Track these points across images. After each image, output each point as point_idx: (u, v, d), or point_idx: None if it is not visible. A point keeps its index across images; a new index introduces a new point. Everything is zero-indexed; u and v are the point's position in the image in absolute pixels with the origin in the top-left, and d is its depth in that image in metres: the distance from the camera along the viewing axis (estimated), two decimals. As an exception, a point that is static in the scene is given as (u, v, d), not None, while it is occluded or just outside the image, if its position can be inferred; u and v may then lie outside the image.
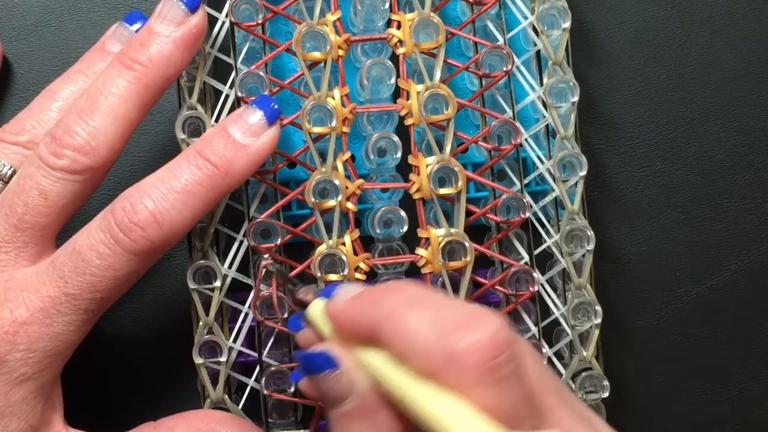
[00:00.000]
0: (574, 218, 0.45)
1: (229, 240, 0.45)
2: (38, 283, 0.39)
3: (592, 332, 0.45)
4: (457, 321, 0.32)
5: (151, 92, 0.41)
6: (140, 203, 0.39)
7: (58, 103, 0.43)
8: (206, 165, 0.40)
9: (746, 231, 0.50)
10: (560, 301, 0.46)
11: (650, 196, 0.50)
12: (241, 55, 0.45)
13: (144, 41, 0.41)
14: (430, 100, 0.44)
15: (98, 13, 0.49)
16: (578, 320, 0.45)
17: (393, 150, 0.45)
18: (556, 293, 0.46)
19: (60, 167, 0.40)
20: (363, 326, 0.34)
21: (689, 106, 0.50)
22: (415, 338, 0.32)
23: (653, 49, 0.50)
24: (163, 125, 0.48)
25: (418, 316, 0.32)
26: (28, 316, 0.39)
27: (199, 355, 0.44)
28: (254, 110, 0.42)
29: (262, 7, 0.44)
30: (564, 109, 0.45)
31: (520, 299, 0.45)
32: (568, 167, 0.46)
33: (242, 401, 0.45)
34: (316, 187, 0.44)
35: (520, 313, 0.46)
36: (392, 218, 0.45)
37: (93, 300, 0.39)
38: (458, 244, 0.44)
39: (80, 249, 0.39)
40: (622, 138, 0.50)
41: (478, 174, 0.45)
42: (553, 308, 0.46)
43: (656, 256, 0.49)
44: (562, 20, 0.45)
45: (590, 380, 0.45)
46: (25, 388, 0.39)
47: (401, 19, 0.44)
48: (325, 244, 0.43)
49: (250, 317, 0.45)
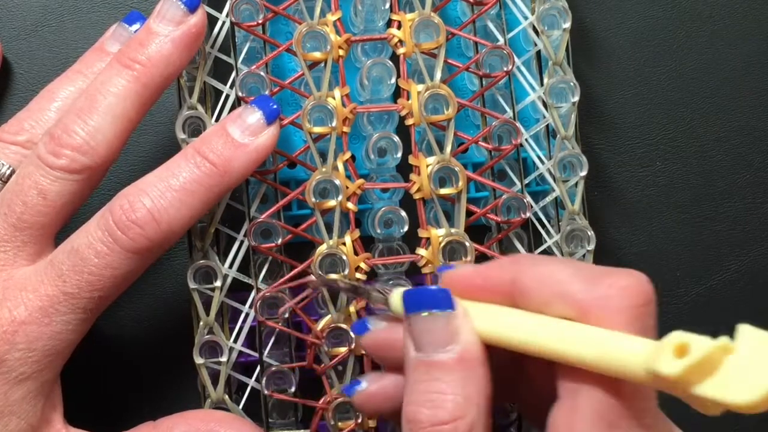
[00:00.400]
0: (574, 218, 0.45)
1: (230, 240, 0.45)
2: (37, 283, 0.39)
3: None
4: (600, 271, 0.33)
5: (150, 92, 0.41)
6: (138, 201, 0.39)
7: (56, 103, 0.43)
8: (204, 163, 0.40)
9: (746, 231, 0.50)
10: (560, 301, 0.46)
11: (650, 196, 0.50)
12: (241, 55, 0.45)
13: (143, 41, 0.41)
14: (431, 100, 0.44)
15: (98, 13, 0.49)
16: (578, 320, 0.45)
17: (393, 150, 0.45)
18: (557, 293, 0.46)
19: (59, 166, 0.40)
20: (496, 283, 0.34)
21: (689, 106, 0.50)
22: (562, 283, 0.33)
23: (653, 49, 0.50)
24: (163, 125, 0.48)
25: (559, 266, 0.34)
26: (27, 315, 0.39)
27: (199, 355, 0.44)
28: (253, 110, 0.42)
29: (262, 7, 0.44)
30: (564, 110, 0.45)
31: (520, 299, 0.45)
32: (569, 167, 0.46)
33: (242, 401, 0.45)
34: (316, 187, 0.44)
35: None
36: (392, 218, 0.45)
37: (92, 299, 0.39)
38: (459, 244, 0.44)
39: (78, 248, 0.39)
40: (622, 138, 0.50)
41: (478, 174, 0.45)
42: (553, 308, 0.46)
43: (656, 256, 0.49)
44: (562, 20, 0.45)
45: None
46: (25, 388, 0.39)
47: (401, 19, 0.44)
48: (325, 244, 0.43)
49: (250, 317, 0.45)
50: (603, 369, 0.31)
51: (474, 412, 0.33)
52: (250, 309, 0.45)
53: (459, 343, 0.34)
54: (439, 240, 0.44)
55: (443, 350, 0.34)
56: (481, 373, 0.34)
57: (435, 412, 0.33)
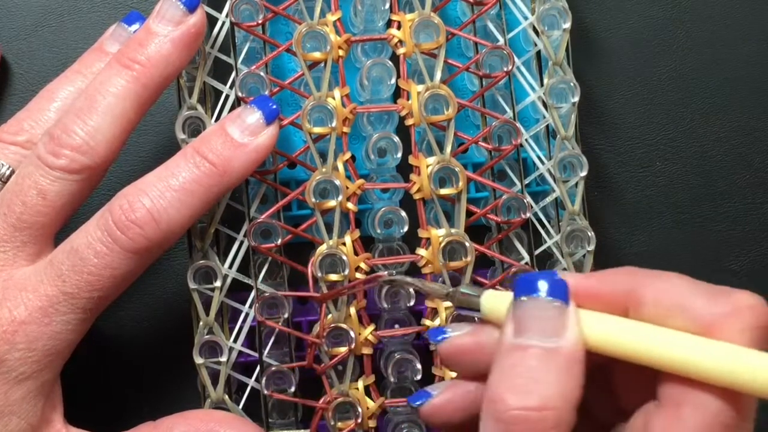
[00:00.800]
0: (574, 219, 0.45)
1: (230, 240, 0.45)
2: (37, 282, 0.39)
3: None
4: (720, 288, 0.33)
5: (149, 92, 0.41)
6: (138, 201, 0.39)
7: (56, 103, 0.43)
8: (204, 163, 0.40)
9: (746, 231, 0.50)
10: (560, 301, 0.46)
11: (650, 196, 0.50)
12: (241, 55, 0.45)
13: (142, 41, 0.41)
14: (431, 101, 0.44)
15: (98, 13, 0.49)
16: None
17: (393, 150, 0.45)
18: (557, 293, 0.46)
19: (58, 167, 0.40)
20: (619, 291, 0.34)
21: (689, 106, 0.50)
22: (684, 297, 0.33)
23: (653, 49, 0.50)
24: (163, 125, 0.48)
25: (680, 281, 0.34)
26: (27, 315, 0.39)
27: (199, 355, 0.44)
28: (253, 110, 0.42)
29: (262, 7, 0.44)
30: (564, 110, 0.45)
31: (520, 299, 0.45)
32: (569, 168, 0.46)
33: (242, 401, 0.45)
34: (316, 188, 0.44)
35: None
36: (393, 218, 0.45)
37: (91, 299, 0.39)
38: (459, 244, 0.44)
39: (78, 248, 0.39)
40: (622, 138, 0.50)
41: (478, 174, 0.45)
42: (553, 308, 0.46)
43: (656, 256, 0.49)
44: (562, 20, 0.45)
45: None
46: (25, 387, 0.39)
47: (401, 20, 0.44)
48: (325, 244, 0.43)
49: (250, 317, 0.45)
50: (728, 383, 0.32)
51: (564, 408, 0.33)
52: (250, 309, 0.45)
53: (565, 338, 0.33)
54: (439, 240, 0.44)
55: (548, 339, 0.33)
56: (579, 372, 0.33)
57: (525, 397, 0.32)
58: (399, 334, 0.45)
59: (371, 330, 0.44)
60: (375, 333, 0.44)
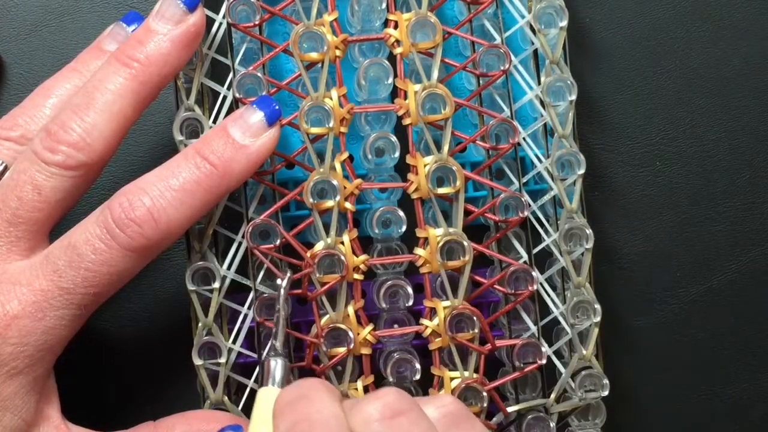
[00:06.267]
0: (572, 217, 0.45)
1: (228, 241, 0.45)
2: (31, 277, 0.39)
3: (592, 331, 0.45)
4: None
5: (147, 90, 0.41)
6: (137, 200, 0.40)
7: (51, 100, 0.43)
8: (204, 164, 0.41)
9: (746, 231, 0.50)
10: (560, 299, 0.46)
11: (650, 196, 0.50)
12: (238, 56, 0.45)
13: (142, 39, 0.41)
14: (428, 100, 0.44)
15: (98, 14, 0.49)
16: (577, 319, 0.45)
17: (391, 150, 0.45)
18: (556, 292, 0.46)
19: (54, 162, 0.40)
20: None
21: (689, 106, 0.50)
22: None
23: (653, 49, 0.50)
24: (162, 126, 0.48)
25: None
26: (20, 309, 0.39)
27: (198, 357, 0.44)
28: (255, 110, 0.42)
29: (259, 8, 0.44)
30: (562, 108, 0.45)
31: (519, 298, 0.44)
32: (567, 166, 0.45)
33: (242, 402, 0.45)
34: (314, 188, 0.44)
35: (520, 312, 0.46)
36: (391, 218, 0.45)
37: (86, 295, 0.39)
38: (457, 243, 0.44)
39: (75, 243, 0.39)
40: (622, 138, 0.50)
41: (476, 173, 0.45)
42: (552, 307, 0.46)
43: (656, 256, 0.49)
44: (559, 19, 0.45)
45: (590, 379, 0.45)
46: (17, 383, 0.39)
47: (398, 19, 0.44)
48: (323, 243, 0.43)
49: (249, 318, 0.45)
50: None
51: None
52: (249, 310, 0.45)
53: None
54: (437, 240, 0.44)
55: None
56: None
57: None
58: (398, 334, 0.45)
59: (370, 330, 0.44)
60: (374, 333, 0.44)
